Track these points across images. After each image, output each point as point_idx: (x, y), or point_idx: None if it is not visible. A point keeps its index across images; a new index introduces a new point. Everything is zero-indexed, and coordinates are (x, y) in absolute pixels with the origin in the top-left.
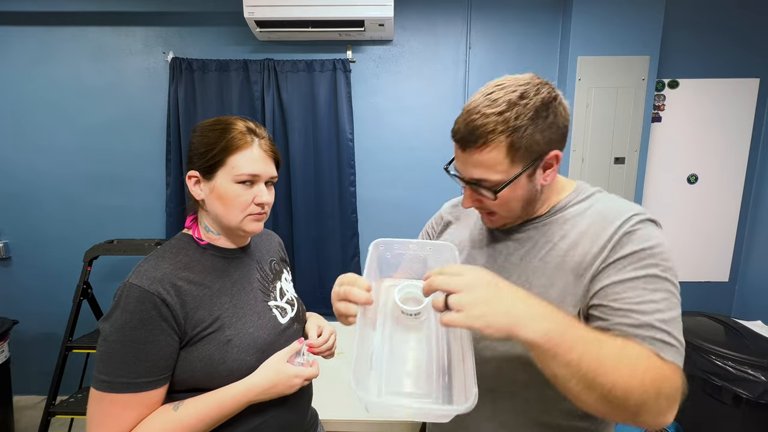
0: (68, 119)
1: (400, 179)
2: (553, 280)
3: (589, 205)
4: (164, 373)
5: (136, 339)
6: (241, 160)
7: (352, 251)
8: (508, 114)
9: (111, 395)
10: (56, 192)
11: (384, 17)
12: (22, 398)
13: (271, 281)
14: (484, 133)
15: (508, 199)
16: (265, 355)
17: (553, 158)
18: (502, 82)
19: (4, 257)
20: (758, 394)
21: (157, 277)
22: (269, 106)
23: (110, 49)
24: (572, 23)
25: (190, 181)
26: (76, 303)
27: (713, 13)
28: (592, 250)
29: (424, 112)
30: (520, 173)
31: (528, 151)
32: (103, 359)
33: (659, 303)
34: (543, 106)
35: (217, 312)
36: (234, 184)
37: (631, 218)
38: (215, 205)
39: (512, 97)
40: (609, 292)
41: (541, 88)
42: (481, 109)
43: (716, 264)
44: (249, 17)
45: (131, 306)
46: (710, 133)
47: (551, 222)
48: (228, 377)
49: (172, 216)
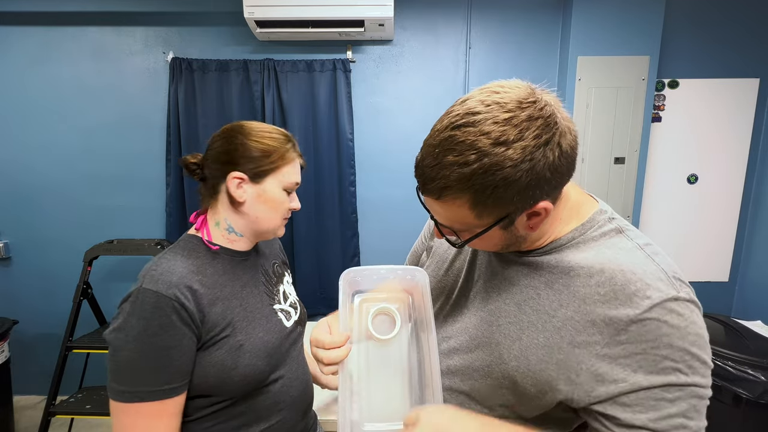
0: (68, 119)
1: (400, 179)
2: (522, 335)
3: (592, 251)
4: (187, 378)
5: (157, 345)
6: (290, 171)
7: (352, 251)
8: (475, 167)
9: (136, 405)
10: (56, 192)
11: (384, 17)
12: (22, 398)
13: (274, 284)
14: (440, 188)
15: (479, 245)
16: (273, 359)
17: (541, 210)
18: (477, 109)
19: (4, 257)
20: (758, 394)
21: (173, 281)
22: (269, 106)
23: (110, 49)
24: (572, 23)
25: (233, 183)
26: (76, 303)
27: (713, 13)
28: (584, 329)
29: (424, 112)
30: (487, 228)
31: (498, 207)
32: (122, 369)
33: (679, 417)
34: (524, 158)
35: (230, 316)
36: (282, 191)
37: (645, 299)
38: (259, 209)
39: (483, 145)
40: (615, 400)
41: (529, 126)
42: (441, 154)
43: (716, 264)
44: (249, 17)
45: (148, 312)
46: (710, 133)
47: (538, 262)
48: (240, 383)
49: (172, 216)
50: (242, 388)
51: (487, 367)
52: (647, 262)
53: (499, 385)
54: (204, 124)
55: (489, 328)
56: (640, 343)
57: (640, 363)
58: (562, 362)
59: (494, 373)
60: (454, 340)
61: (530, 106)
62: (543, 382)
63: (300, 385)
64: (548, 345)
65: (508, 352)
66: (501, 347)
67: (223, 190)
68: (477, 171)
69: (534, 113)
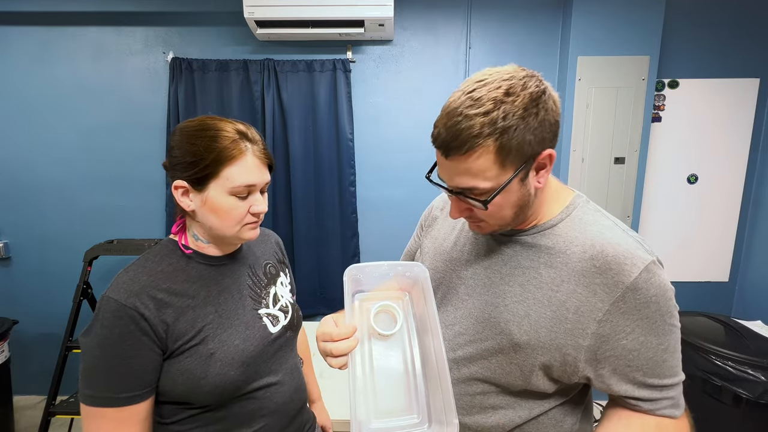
0: (68, 119)
1: (400, 179)
2: (529, 311)
3: (580, 229)
4: (148, 387)
5: (117, 354)
6: (235, 172)
7: (352, 251)
8: (495, 114)
9: (98, 410)
10: (56, 192)
11: (384, 17)
12: (22, 398)
13: (264, 287)
14: (469, 138)
15: (500, 207)
16: (250, 368)
17: (546, 158)
18: (483, 77)
19: (4, 257)
20: (758, 394)
21: (135, 290)
22: (269, 106)
23: (110, 49)
24: (572, 23)
25: (177, 192)
26: (76, 303)
27: (713, 13)
28: (587, 299)
29: (424, 112)
30: (511, 178)
31: (519, 153)
32: (87, 374)
33: (669, 360)
34: (532, 102)
35: (201, 323)
36: (229, 197)
37: (634, 266)
38: (208, 217)
39: (498, 95)
40: (614, 354)
41: (528, 81)
42: (464, 110)
43: (716, 264)
44: (249, 17)
45: (108, 321)
46: (710, 133)
47: (537, 244)
48: (211, 393)
49: (172, 216)
50: (214, 398)
51: (497, 345)
52: (624, 236)
53: (510, 360)
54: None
55: (495, 309)
56: (636, 305)
57: (638, 323)
58: (570, 331)
59: (505, 349)
60: (459, 326)
61: (523, 70)
62: (553, 350)
63: (287, 390)
64: (555, 317)
65: (518, 329)
66: (510, 325)
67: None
68: (498, 117)
69: (528, 73)
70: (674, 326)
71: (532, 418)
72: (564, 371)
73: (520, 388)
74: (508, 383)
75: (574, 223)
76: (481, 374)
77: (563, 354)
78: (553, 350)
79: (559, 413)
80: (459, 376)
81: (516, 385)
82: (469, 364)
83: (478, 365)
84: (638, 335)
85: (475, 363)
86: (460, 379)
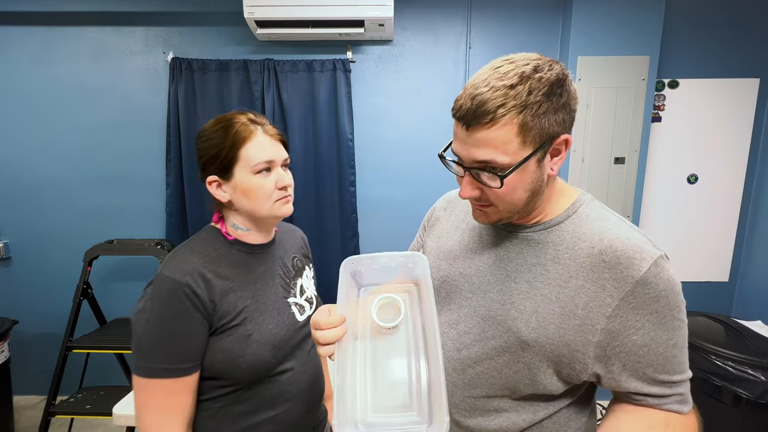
0: (68, 119)
1: (400, 179)
2: (537, 308)
3: (587, 225)
4: (199, 359)
5: (172, 328)
6: (251, 151)
7: (352, 251)
8: (521, 87)
9: (155, 381)
10: (56, 192)
11: (384, 17)
12: (22, 398)
13: (292, 278)
14: (493, 108)
15: (514, 187)
16: (280, 352)
17: (563, 143)
18: (509, 57)
19: (4, 257)
20: (758, 394)
21: (187, 270)
22: (269, 106)
23: (110, 49)
24: (572, 23)
25: (212, 187)
26: (76, 303)
27: (713, 13)
28: (596, 294)
29: (424, 112)
30: (530, 155)
31: (540, 131)
32: (143, 347)
33: (679, 356)
34: (558, 83)
35: (241, 306)
36: (253, 176)
37: (643, 261)
38: (242, 201)
39: (525, 70)
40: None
41: (554, 64)
42: (491, 81)
43: (716, 264)
44: (249, 17)
45: (165, 297)
46: (710, 133)
47: (543, 241)
48: (247, 370)
49: (172, 216)
50: (248, 376)
51: (504, 344)
52: (631, 231)
53: (517, 359)
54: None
55: (502, 307)
56: (646, 299)
57: (647, 318)
58: (578, 327)
59: (512, 348)
60: (463, 325)
61: (546, 57)
62: (562, 346)
63: (309, 378)
64: (564, 314)
65: (526, 326)
66: (518, 322)
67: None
68: (524, 91)
69: (553, 59)
70: (682, 321)
71: (536, 422)
72: (572, 369)
73: (526, 389)
74: (514, 384)
75: (581, 220)
76: (487, 374)
77: (572, 351)
78: (562, 347)
79: (563, 417)
80: (464, 378)
81: (522, 386)
82: (474, 365)
83: (484, 365)
84: (648, 330)
85: (481, 363)
86: (465, 381)
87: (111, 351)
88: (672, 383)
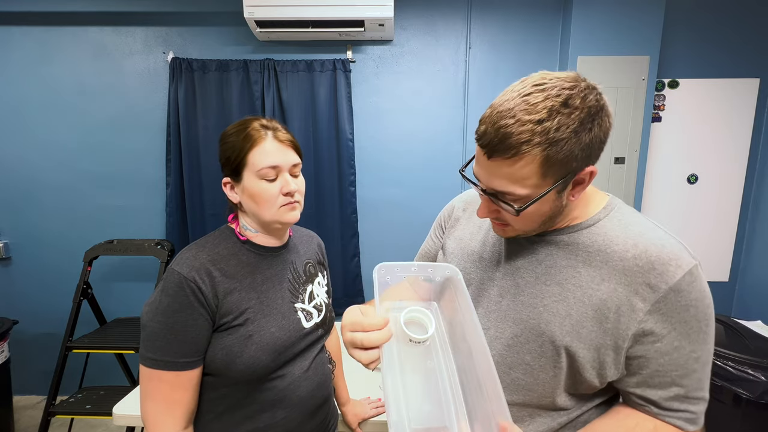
0: (68, 119)
1: (400, 179)
2: (570, 311)
3: (621, 229)
4: (201, 354)
5: (177, 321)
6: (257, 156)
7: (352, 251)
8: (549, 124)
9: (158, 372)
10: (56, 192)
11: (384, 17)
12: (22, 398)
13: (302, 283)
14: (517, 144)
15: (531, 216)
16: (281, 357)
17: (587, 174)
18: (542, 81)
19: (4, 257)
20: (758, 394)
21: (195, 266)
22: (269, 106)
23: (110, 49)
24: (572, 23)
25: (226, 188)
26: (76, 303)
27: (713, 13)
28: (627, 299)
29: (424, 112)
30: (549, 190)
31: (563, 166)
32: (150, 338)
33: (699, 372)
34: (588, 118)
35: (244, 306)
36: (259, 181)
37: (678, 268)
38: (249, 204)
39: (555, 104)
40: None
41: (588, 94)
42: (518, 113)
43: (716, 264)
44: (249, 17)
45: (172, 291)
46: (710, 133)
47: (574, 242)
48: (244, 371)
49: (172, 216)
50: (244, 376)
51: (539, 348)
52: (668, 237)
53: (553, 365)
54: (204, 124)
55: (534, 310)
56: (677, 307)
57: (675, 326)
58: (610, 330)
59: (548, 352)
60: (494, 330)
61: (584, 81)
62: (594, 350)
63: (309, 385)
64: (597, 317)
65: (560, 329)
66: (552, 326)
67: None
68: (551, 127)
69: (590, 85)
70: (708, 335)
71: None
72: (603, 371)
73: (561, 392)
74: (552, 388)
75: (614, 223)
76: (523, 380)
77: (603, 354)
78: (594, 350)
79: (594, 415)
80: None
81: (559, 389)
82: (509, 371)
83: (520, 371)
84: (673, 339)
85: (516, 369)
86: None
87: (111, 351)
88: (685, 398)
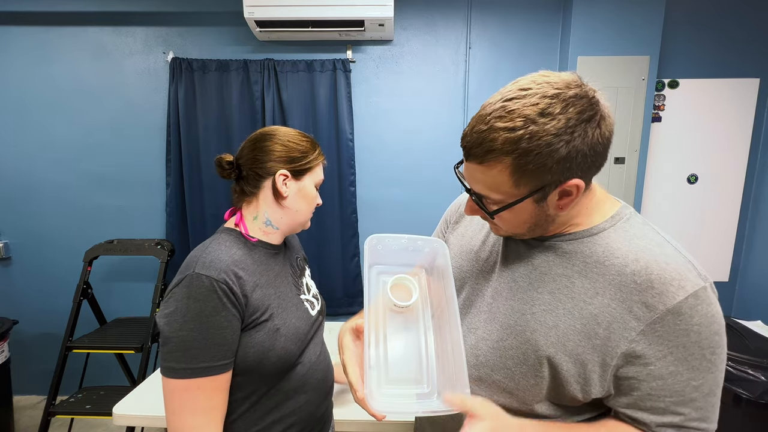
0: (68, 119)
1: (400, 179)
2: (558, 322)
3: (625, 241)
4: (233, 356)
5: (213, 325)
6: (319, 171)
7: (352, 251)
8: (521, 132)
9: (196, 381)
10: (56, 192)
11: (384, 17)
12: (22, 398)
13: (299, 276)
14: (488, 150)
15: (508, 221)
16: (302, 344)
17: (573, 187)
18: (528, 86)
19: (4, 257)
20: (758, 394)
21: (222, 268)
22: (269, 106)
23: (110, 49)
24: (572, 23)
25: (280, 179)
26: (76, 303)
27: (713, 14)
28: (621, 316)
29: (424, 112)
30: (521, 199)
31: (535, 177)
32: (180, 348)
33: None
34: (566, 129)
35: (267, 302)
36: (314, 188)
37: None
38: (299, 203)
39: (531, 112)
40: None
41: (575, 102)
42: (492, 120)
43: (716, 264)
44: (249, 17)
45: (202, 295)
46: (710, 133)
47: (573, 251)
48: (276, 363)
49: (172, 216)
50: (277, 368)
51: (522, 355)
52: (677, 255)
53: (534, 373)
54: (204, 124)
55: (522, 316)
56: (675, 330)
57: (672, 350)
58: (598, 347)
59: (529, 360)
60: (482, 330)
61: (577, 87)
62: (578, 365)
63: (323, 369)
64: (585, 331)
65: (545, 339)
66: (537, 334)
67: (265, 186)
68: (522, 136)
69: (580, 93)
70: (714, 365)
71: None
72: (587, 387)
73: (541, 401)
74: (532, 396)
75: (619, 234)
76: (503, 384)
77: (588, 371)
78: (578, 365)
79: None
80: (480, 384)
81: (538, 398)
82: (491, 373)
83: (501, 374)
84: (668, 363)
85: (498, 372)
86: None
87: (111, 351)
88: (681, 427)
